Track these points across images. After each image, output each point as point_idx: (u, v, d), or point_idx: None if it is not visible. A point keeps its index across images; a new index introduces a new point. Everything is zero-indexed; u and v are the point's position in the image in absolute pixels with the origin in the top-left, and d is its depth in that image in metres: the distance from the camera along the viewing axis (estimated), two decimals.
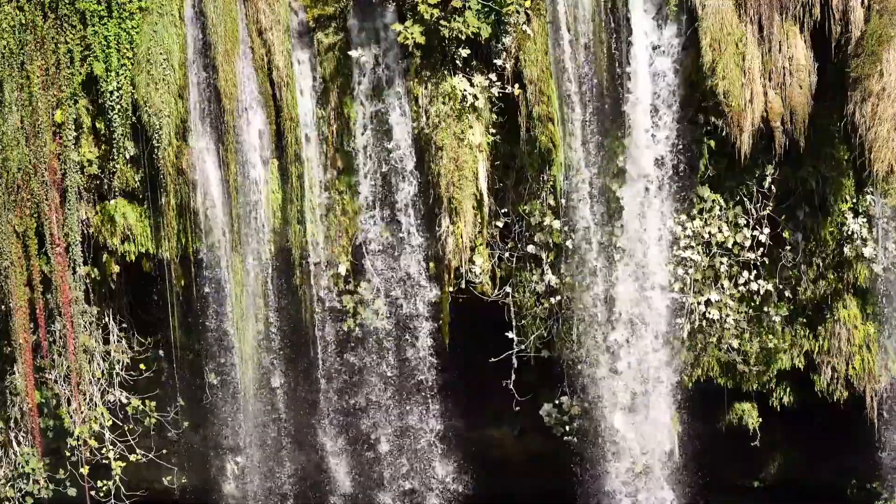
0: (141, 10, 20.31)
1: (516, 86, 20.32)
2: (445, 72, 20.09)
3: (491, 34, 19.91)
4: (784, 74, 20.15)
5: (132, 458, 22.36)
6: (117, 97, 20.47)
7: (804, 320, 21.51)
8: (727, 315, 21.27)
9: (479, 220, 20.78)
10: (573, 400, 21.82)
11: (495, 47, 20.15)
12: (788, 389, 22.07)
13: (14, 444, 22.23)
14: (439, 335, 21.37)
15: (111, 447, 22.15)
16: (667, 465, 21.62)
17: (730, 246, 21.02)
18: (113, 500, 22.39)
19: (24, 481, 22.21)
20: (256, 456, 22.11)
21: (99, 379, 22.03)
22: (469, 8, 19.64)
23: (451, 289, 21.16)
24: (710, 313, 21.24)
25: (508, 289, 21.53)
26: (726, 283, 21.18)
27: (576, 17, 20.13)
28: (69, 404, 21.74)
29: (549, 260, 21.21)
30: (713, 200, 20.90)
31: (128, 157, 20.81)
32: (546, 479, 22.63)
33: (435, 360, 21.46)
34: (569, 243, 20.90)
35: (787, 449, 23.31)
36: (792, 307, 21.37)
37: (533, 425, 22.63)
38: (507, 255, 21.40)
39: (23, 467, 22.14)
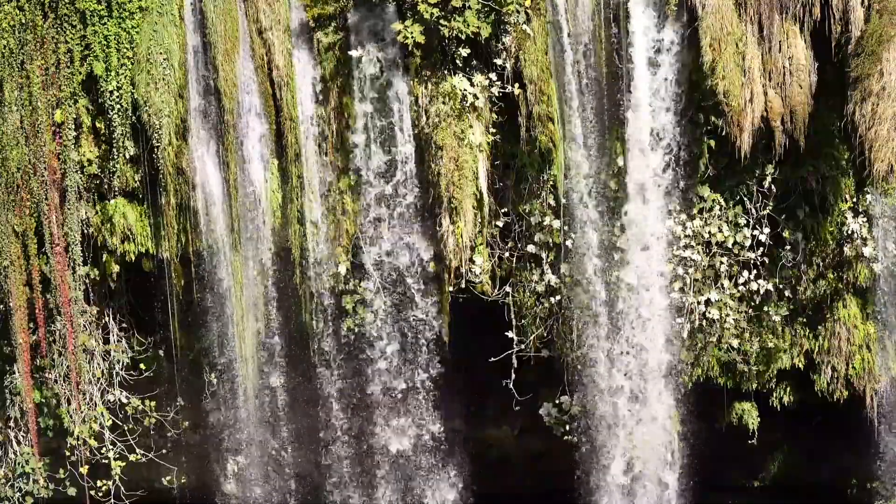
0: (141, 9, 20.29)
1: (516, 85, 20.31)
2: (445, 71, 20.08)
3: (491, 34, 19.91)
4: (784, 74, 20.17)
5: (132, 457, 22.35)
6: (117, 97, 20.46)
7: (804, 320, 21.51)
8: (727, 315, 21.27)
9: (479, 220, 20.77)
10: (573, 400, 21.83)
11: (495, 47, 20.15)
12: (788, 389, 22.06)
13: (14, 443, 22.23)
14: (439, 335, 21.36)
15: (111, 447, 22.14)
16: (666, 464, 21.61)
17: (730, 245, 21.01)
18: (112, 500, 22.38)
19: (24, 481, 22.21)
20: (256, 455, 22.10)
21: (99, 379, 22.02)
22: (469, 7, 19.63)
23: (451, 289, 21.15)
24: (710, 313, 21.23)
25: (508, 288, 21.52)
26: (726, 283, 21.18)
27: (576, 17, 20.14)
28: (69, 404, 21.72)
29: (549, 260, 21.21)
30: (713, 200, 20.90)
31: (128, 156, 20.79)
32: (546, 478, 22.63)
33: (435, 360, 21.45)
34: (569, 243, 20.90)
35: (787, 449, 23.35)
36: (792, 307, 21.37)
37: (533, 425, 22.63)
38: (507, 254, 21.40)
39: (22, 467, 22.14)
